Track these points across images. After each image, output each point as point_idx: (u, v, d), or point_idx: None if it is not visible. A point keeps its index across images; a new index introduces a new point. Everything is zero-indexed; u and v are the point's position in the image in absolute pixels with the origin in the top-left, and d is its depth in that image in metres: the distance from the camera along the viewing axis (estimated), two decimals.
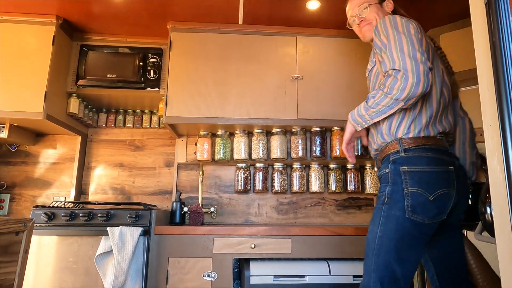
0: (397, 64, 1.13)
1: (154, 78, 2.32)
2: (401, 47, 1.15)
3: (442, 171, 1.18)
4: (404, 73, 1.10)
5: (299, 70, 2.22)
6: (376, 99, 1.19)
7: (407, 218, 1.13)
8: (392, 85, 1.13)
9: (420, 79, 1.09)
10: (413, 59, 1.11)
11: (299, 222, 2.47)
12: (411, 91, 1.10)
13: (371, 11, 1.43)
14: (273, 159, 2.31)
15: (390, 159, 1.22)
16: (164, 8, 2.08)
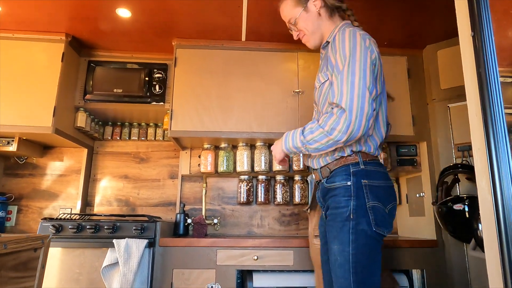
0: (344, 101, 1.10)
1: (159, 92, 2.38)
2: (353, 81, 1.12)
3: (390, 186, 1.25)
4: (348, 115, 1.08)
5: (300, 84, 2.28)
6: (314, 135, 1.16)
7: (374, 231, 1.15)
8: (333, 126, 1.10)
9: (361, 124, 1.09)
10: (361, 99, 1.10)
11: (301, 234, 2.50)
12: (352, 135, 1.10)
13: (299, 24, 1.41)
14: (275, 171, 2.36)
15: (351, 171, 1.19)
16: (169, 26, 2.16)
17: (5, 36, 2.19)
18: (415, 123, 2.27)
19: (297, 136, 1.22)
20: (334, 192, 1.21)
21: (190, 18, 2.07)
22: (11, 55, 2.17)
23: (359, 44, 1.16)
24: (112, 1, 1.91)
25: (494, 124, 0.70)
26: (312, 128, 1.18)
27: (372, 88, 1.14)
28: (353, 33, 1.19)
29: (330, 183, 1.23)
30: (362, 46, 1.16)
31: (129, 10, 1.99)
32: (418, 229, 2.30)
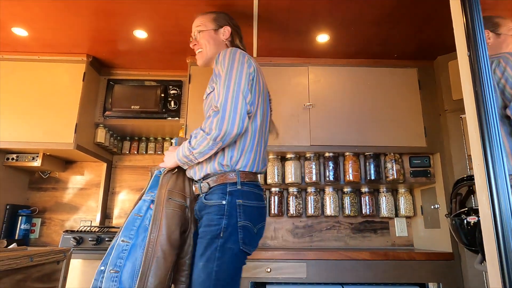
0: (220, 101, 1.19)
1: (175, 108, 2.47)
2: (228, 84, 1.22)
3: (262, 207, 1.30)
4: (222, 113, 1.17)
5: (311, 98, 2.32)
6: (197, 139, 1.21)
7: (240, 250, 1.18)
8: (210, 125, 1.17)
9: (235, 121, 1.17)
10: (234, 99, 1.19)
11: (315, 246, 2.51)
12: (226, 132, 1.16)
13: (202, 37, 1.48)
14: (288, 183, 2.38)
15: (227, 190, 1.23)
16: (183, 45, 2.25)
17: (32, 58, 2.34)
18: (427, 134, 2.27)
19: (185, 145, 1.25)
20: (210, 209, 1.23)
21: None
22: (36, 76, 2.31)
23: (238, 57, 1.29)
24: (130, 23, 2.01)
25: (490, 140, 0.72)
26: (196, 133, 1.23)
27: (247, 93, 1.23)
28: (234, 50, 1.32)
29: (207, 199, 1.26)
30: (240, 59, 1.29)
31: (145, 31, 2.09)
32: (433, 241, 2.27)
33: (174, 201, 1.27)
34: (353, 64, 2.38)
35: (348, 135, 2.28)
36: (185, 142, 1.27)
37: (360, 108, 2.32)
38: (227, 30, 1.52)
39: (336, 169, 2.35)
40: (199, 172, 1.30)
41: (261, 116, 1.32)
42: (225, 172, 1.25)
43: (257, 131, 1.30)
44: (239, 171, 1.25)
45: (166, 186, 1.28)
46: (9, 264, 0.66)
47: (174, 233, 1.22)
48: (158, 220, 1.19)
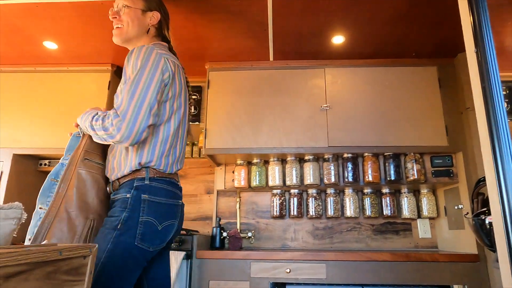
0: (121, 108, 1.13)
1: (195, 113, 2.55)
2: (134, 91, 1.15)
3: (174, 204, 1.25)
4: (120, 123, 1.11)
5: (328, 100, 2.33)
6: (98, 126, 1.16)
7: (136, 245, 1.14)
8: (107, 127, 1.13)
9: (131, 134, 1.12)
10: (137, 111, 1.13)
11: (335, 247, 2.50)
12: (120, 140, 1.13)
13: (127, 14, 1.35)
14: (307, 185, 2.40)
15: (134, 185, 1.19)
16: (202, 51, 2.32)
17: (61, 69, 2.49)
18: (449, 133, 2.22)
19: (90, 117, 1.22)
20: (115, 203, 1.21)
21: (220, 43, 2.22)
22: (66, 86, 2.46)
23: (153, 60, 1.20)
24: None
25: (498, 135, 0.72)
26: (99, 117, 1.18)
27: (153, 104, 1.17)
28: (150, 50, 1.22)
29: (115, 195, 1.23)
30: (155, 63, 1.20)
31: None
32: (458, 242, 2.21)
33: (91, 162, 1.22)
34: (370, 64, 2.37)
35: (366, 136, 2.27)
36: (95, 113, 1.22)
37: (379, 108, 2.31)
38: (156, 15, 1.40)
39: (355, 170, 2.34)
40: (112, 173, 1.27)
41: (177, 120, 1.29)
42: (137, 170, 1.22)
43: (170, 136, 1.27)
44: (149, 168, 1.22)
45: (84, 147, 1.23)
46: (40, 257, 0.72)
47: (86, 195, 1.17)
48: (67, 180, 1.16)
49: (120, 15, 1.35)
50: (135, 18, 1.35)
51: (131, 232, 1.15)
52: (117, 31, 1.36)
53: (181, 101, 1.32)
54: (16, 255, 0.67)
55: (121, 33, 1.35)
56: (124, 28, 1.35)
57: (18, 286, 0.68)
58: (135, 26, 1.35)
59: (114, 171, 1.25)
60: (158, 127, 1.25)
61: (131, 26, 1.35)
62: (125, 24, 1.35)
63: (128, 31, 1.35)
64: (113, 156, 1.28)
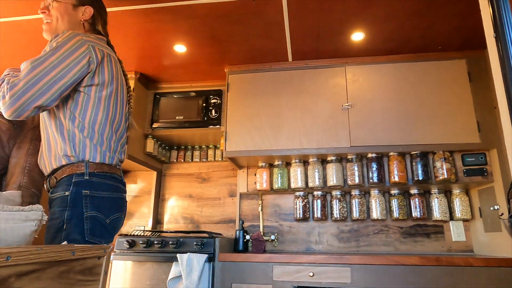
0: (20, 76, 1.07)
1: (216, 116, 2.57)
2: (35, 67, 1.08)
3: (118, 198, 1.24)
4: (8, 90, 1.05)
5: (350, 98, 2.27)
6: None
7: (87, 241, 1.12)
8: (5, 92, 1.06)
9: (13, 105, 1.05)
10: (28, 86, 1.06)
11: (362, 251, 2.42)
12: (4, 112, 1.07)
13: (56, 8, 1.27)
14: (330, 186, 2.34)
15: (73, 181, 1.15)
16: (221, 55, 2.34)
17: None
18: (481, 129, 2.09)
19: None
20: (53, 202, 1.16)
21: (238, 46, 2.22)
22: None
23: (73, 43, 1.15)
24: (170, 39, 2.15)
25: None
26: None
27: (65, 84, 1.11)
28: (74, 34, 1.17)
29: (53, 193, 1.18)
30: (74, 46, 1.15)
31: (184, 45, 2.22)
32: (495, 246, 2.06)
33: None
34: (393, 60, 2.29)
35: (391, 134, 2.18)
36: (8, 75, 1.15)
37: (403, 105, 2.21)
38: (89, 10, 1.33)
39: (380, 170, 2.26)
40: (48, 167, 1.22)
41: (107, 109, 1.23)
42: (73, 163, 1.17)
43: (97, 123, 1.21)
44: (88, 162, 1.18)
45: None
46: (52, 256, 0.74)
47: None
48: None
49: (49, 9, 1.28)
50: (64, 13, 1.28)
51: (78, 229, 1.12)
52: (46, 26, 1.29)
53: (113, 89, 1.27)
54: (27, 254, 0.69)
55: (50, 28, 1.28)
56: (53, 23, 1.28)
57: (31, 284, 0.70)
58: (65, 22, 1.28)
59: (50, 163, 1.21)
60: (84, 113, 1.20)
61: (61, 21, 1.28)
62: (54, 19, 1.28)
63: (58, 27, 1.28)
64: (47, 147, 1.23)
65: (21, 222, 0.93)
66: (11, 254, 0.65)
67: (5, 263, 0.64)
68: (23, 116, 1.09)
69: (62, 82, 1.12)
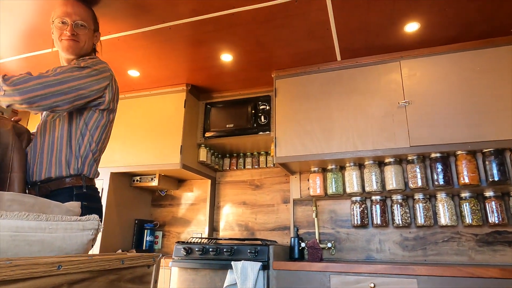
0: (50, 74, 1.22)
1: (265, 122, 2.55)
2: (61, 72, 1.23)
3: (101, 207, 1.35)
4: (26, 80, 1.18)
5: (407, 95, 2.10)
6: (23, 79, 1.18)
7: None
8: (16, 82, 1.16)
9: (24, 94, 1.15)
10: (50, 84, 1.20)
11: (430, 260, 2.20)
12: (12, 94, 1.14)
13: (84, 33, 1.43)
14: (390, 190, 2.18)
15: (74, 193, 1.24)
16: (268, 61, 2.33)
17: (143, 94, 2.76)
18: None
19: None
20: None
21: (284, 49, 2.19)
22: (148, 108, 2.71)
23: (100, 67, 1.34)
24: (217, 49, 2.19)
25: None
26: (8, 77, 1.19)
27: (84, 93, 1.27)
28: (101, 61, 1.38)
29: None
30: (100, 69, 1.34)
31: (230, 54, 2.24)
32: None
33: None
34: (455, 49, 2.07)
35: (457, 131, 1.97)
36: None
37: (470, 98, 1.99)
38: (98, 36, 1.55)
39: (446, 171, 2.05)
40: (44, 173, 1.26)
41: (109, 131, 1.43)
42: (72, 176, 1.27)
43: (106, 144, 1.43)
44: (84, 176, 1.30)
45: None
46: (102, 265, 0.77)
47: None
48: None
49: (79, 33, 1.42)
50: (90, 39, 1.47)
51: None
52: (73, 43, 1.40)
53: (115, 116, 1.46)
54: (78, 263, 0.72)
55: (77, 47, 1.42)
56: (81, 44, 1.43)
57: None
58: (87, 44, 1.46)
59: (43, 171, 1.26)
60: (95, 131, 1.35)
61: (86, 44, 1.45)
62: (82, 42, 1.43)
63: (83, 48, 1.44)
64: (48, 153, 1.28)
65: (79, 232, 0.98)
66: (62, 263, 0.68)
67: (56, 271, 0.67)
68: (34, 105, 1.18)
69: (80, 92, 1.26)
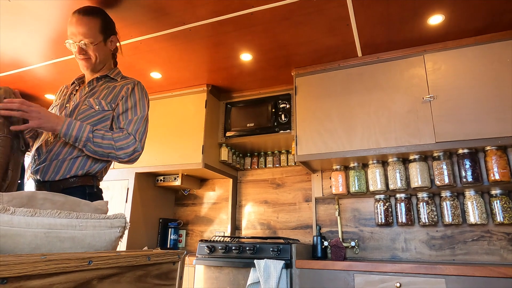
0: (138, 139, 1.38)
1: (285, 121, 2.55)
2: (144, 131, 1.43)
3: None
4: (138, 146, 1.37)
5: (431, 90, 2.04)
6: (104, 142, 1.30)
7: None
8: (123, 147, 1.34)
9: (138, 157, 1.39)
10: (143, 144, 1.41)
11: (458, 260, 2.13)
12: (131, 160, 1.37)
13: (93, 49, 1.43)
14: (415, 188, 2.13)
15: (87, 192, 1.31)
16: (287, 59, 2.32)
17: (165, 95, 2.81)
18: None
19: (86, 130, 1.28)
20: None
21: (303, 47, 2.18)
22: (170, 109, 2.76)
23: (148, 104, 1.50)
24: (236, 49, 2.21)
25: None
26: (104, 136, 1.31)
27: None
28: (146, 92, 1.52)
29: None
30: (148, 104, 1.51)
31: (250, 53, 2.25)
32: None
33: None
34: (482, 41, 2.00)
35: (486, 126, 1.90)
36: (83, 125, 1.27)
37: (500, 91, 1.91)
38: (115, 40, 1.55)
39: (475, 168, 1.98)
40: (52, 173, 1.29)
41: None
42: (84, 176, 1.33)
43: None
44: (95, 176, 1.37)
45: None
46: (129, 261, 0.79)
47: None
48: None
49: (86, 51, 1.44)
50: (100, 51, 1.47)
51: None
52: (86, 62, 1.46)
53: None
54: (107, 259, 0.75)
55: (90, 64, 1.46)
56: (92, 60, 1.46)
57: (111, 287, 0.76)
58: (103, 55, 1.49)
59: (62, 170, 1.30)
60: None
61: (99, 57, 1.47)
62: (93, 58, 1.46)
63: (97, 62, 1.47)
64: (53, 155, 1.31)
65: (107, 229, 1.01)
66: (92, 259, 0.71)
67: (87, 267, 0.70)
68: None
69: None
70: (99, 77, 1.49)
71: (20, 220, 0.77)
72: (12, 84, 2.64)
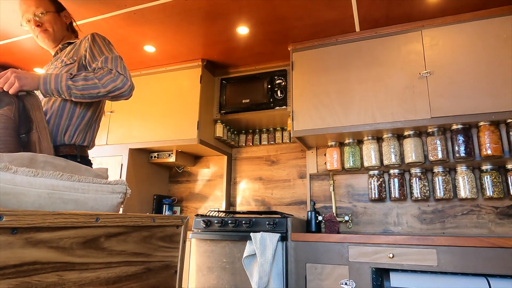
0: (121, 71, 1.29)
1: (281, 97, 2.54)
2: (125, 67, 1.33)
3: None
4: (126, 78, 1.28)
5: (428, 65, 2.05)
6: (88, 83, 1.23)
7: None
8: (108, 82, 1.24)
9: (131, 89, 1.30)
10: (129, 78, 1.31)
11: (448, 233, 2.20)
12: (125, 92, 1.28)
13: (47, 19, 1.41)
14: (409, 163, 2.16)
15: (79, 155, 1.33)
16: (284, 33, 2.29)
17: (159, 70, 2.76)
18: None
19: (63, 78, 1.21)
20: None
21: (301, 21, 2.15)
22: (164, 85, 2.71)
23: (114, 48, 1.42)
24: (232, 22, 2.16)
25: None
26: (87, 76, 1.24)
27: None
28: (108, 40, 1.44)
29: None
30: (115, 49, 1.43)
31: (247, 26, 2.21)
32: None
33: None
34: (480, 16, 2.00)
35: (480, 101, 1.92)
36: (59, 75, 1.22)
37: (495, 67, 1.93)
38: (67, 14, 1.52)
39: (468, 143, 2.01)
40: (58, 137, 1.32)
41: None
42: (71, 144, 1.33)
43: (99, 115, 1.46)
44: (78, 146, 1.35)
45: None
46: (135, 222, 0.80)
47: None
48: None
49: (42, 23, 1.43)
50: (56, 21, 1.46)
51: None
52: (44, 34, 1.44)
53: None
54: (114, 217, 0.75)
55: (49, 35, 1.45)
56: (50, 30, 1.44)
57: (118, 245, 0.76)
58: (58, 27, 1.47)
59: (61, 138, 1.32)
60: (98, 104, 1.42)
61: (55, 28, 1.45)
62: (50, 28, 1.44)
63: (55, 33, 1.46)
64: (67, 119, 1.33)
65: (109, 194, 1.00)
66: (100, 216, 0.71)
67: (95, 223, 0.69)
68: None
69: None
70: (61, 46, 1.49)
71: (22, 179, 0.76)
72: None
